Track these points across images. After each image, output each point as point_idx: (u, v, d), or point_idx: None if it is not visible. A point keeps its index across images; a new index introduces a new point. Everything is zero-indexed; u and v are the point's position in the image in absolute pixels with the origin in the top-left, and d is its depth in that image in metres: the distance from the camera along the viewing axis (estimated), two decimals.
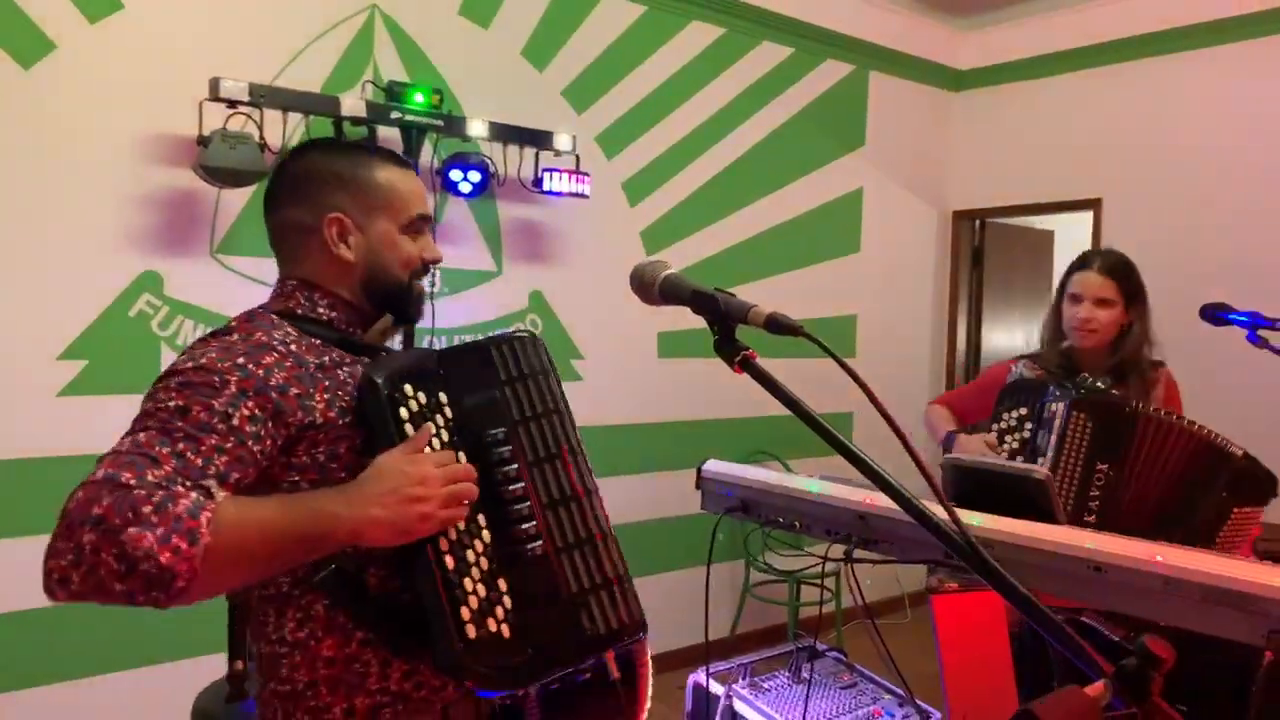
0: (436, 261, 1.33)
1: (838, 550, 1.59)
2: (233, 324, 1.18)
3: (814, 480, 1.67)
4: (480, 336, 3.71)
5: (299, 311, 1.24)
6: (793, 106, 4.54)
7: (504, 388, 1.21)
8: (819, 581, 4.04)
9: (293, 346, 1.16)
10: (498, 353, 1.22)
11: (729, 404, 4.21)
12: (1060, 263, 5.76)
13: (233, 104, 2.78)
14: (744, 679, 2.42)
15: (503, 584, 1.12)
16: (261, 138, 2.80)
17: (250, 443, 1.04)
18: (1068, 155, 4.81)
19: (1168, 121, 4.45)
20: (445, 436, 1.14)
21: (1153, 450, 2.01)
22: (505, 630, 1.10)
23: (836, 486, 1.64)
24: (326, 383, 1.15)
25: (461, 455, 1.14)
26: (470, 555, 1.11)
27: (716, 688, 2.33)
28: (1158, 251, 4.47)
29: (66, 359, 2.75)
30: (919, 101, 5.17)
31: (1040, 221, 5.78)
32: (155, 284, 2.89)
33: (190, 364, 1.08)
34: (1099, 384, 2.17)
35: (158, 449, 0.98)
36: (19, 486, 2.67)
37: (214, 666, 2.16)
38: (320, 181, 1.25)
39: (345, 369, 1.20)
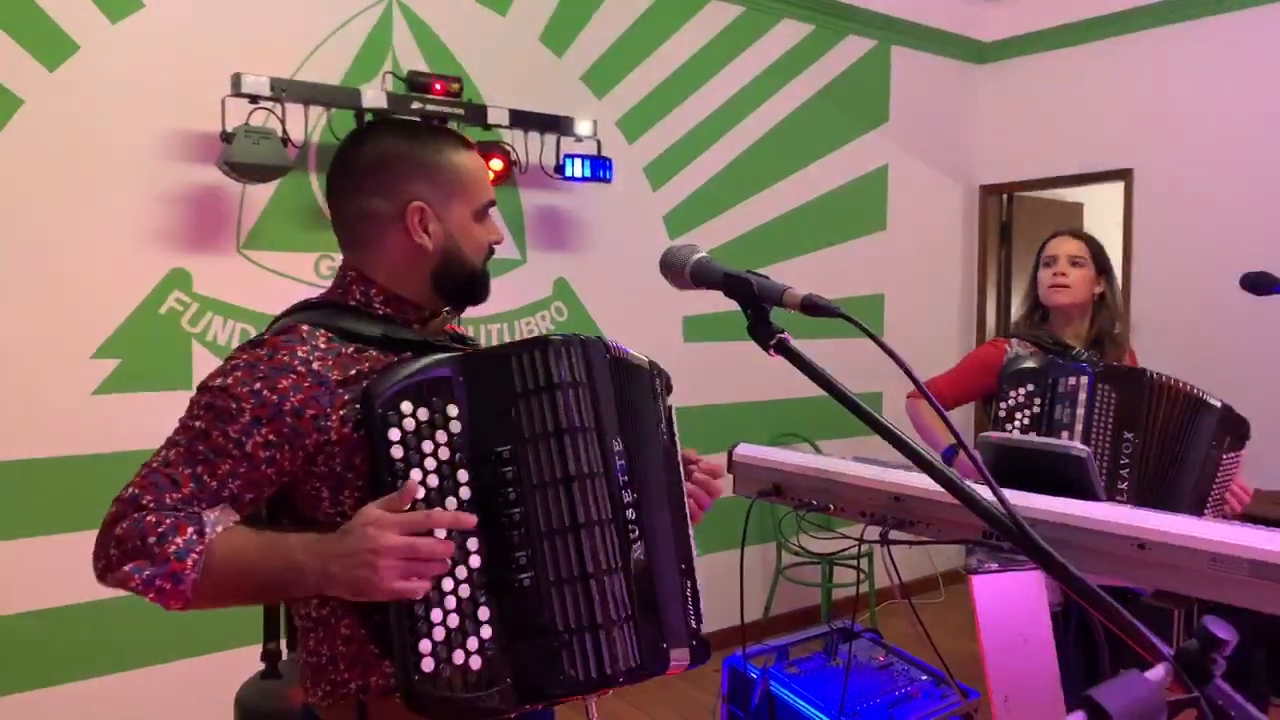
0: (499, 243, 1.34)
1: (872, 532, 1.58)
2: (266, 335, 1.19)
3: (848, 462, 1.66)
4: (509, 330, 3.68)
5: (351, 304, 1.25)
6: (814, 84, 4.48)
7: (519, 401, 1.13)
8: (854, 563, 4.02)
9: (315, 365, 1.15)
10: (517, 361, 1.14)
11: (756, 386, 4.19)
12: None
13: (255, 99, 2.79)
14: (780, 661, 2.42)
15: (484, 613, 1.09)
16: (284, 132, 2.82)
17: (264, 466, 1.13)
18: (1096, 125, 4.72)
19: (1200, 88, 4.34)
20: (445, 454, 1.10)
21: (1157, 413, 2.11)
22: (475, 661, 1.07)
23: (870, 468, 1.62)
24: (347, 396, 1.15)
25: (463, 473, 1.11)
26: (449, 583, 1.08)
27: (753, 671, 2.33)
28: (1192, 220, 4.39)
29: (100, 357, 2.78)
30: (943, 75, 5.08)
31: (1070, 194, 5.68)
32: (184, 281, 2.91)
33: (218, 382, 1.14)
34: (1092, 356, 2.24)
35: (180, 469, 1.11)
36: (60, 484, 2.71)
37: (255, 658, 2.18)
38: (399, 167, 1.25)
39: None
